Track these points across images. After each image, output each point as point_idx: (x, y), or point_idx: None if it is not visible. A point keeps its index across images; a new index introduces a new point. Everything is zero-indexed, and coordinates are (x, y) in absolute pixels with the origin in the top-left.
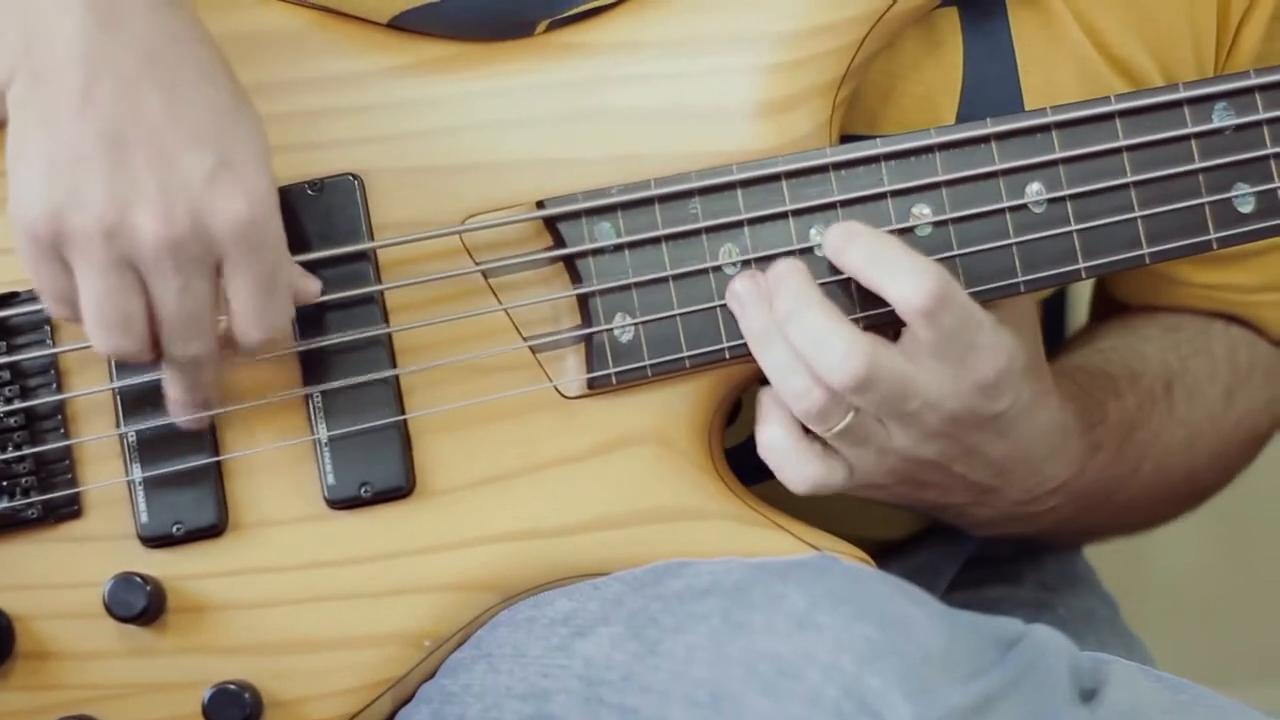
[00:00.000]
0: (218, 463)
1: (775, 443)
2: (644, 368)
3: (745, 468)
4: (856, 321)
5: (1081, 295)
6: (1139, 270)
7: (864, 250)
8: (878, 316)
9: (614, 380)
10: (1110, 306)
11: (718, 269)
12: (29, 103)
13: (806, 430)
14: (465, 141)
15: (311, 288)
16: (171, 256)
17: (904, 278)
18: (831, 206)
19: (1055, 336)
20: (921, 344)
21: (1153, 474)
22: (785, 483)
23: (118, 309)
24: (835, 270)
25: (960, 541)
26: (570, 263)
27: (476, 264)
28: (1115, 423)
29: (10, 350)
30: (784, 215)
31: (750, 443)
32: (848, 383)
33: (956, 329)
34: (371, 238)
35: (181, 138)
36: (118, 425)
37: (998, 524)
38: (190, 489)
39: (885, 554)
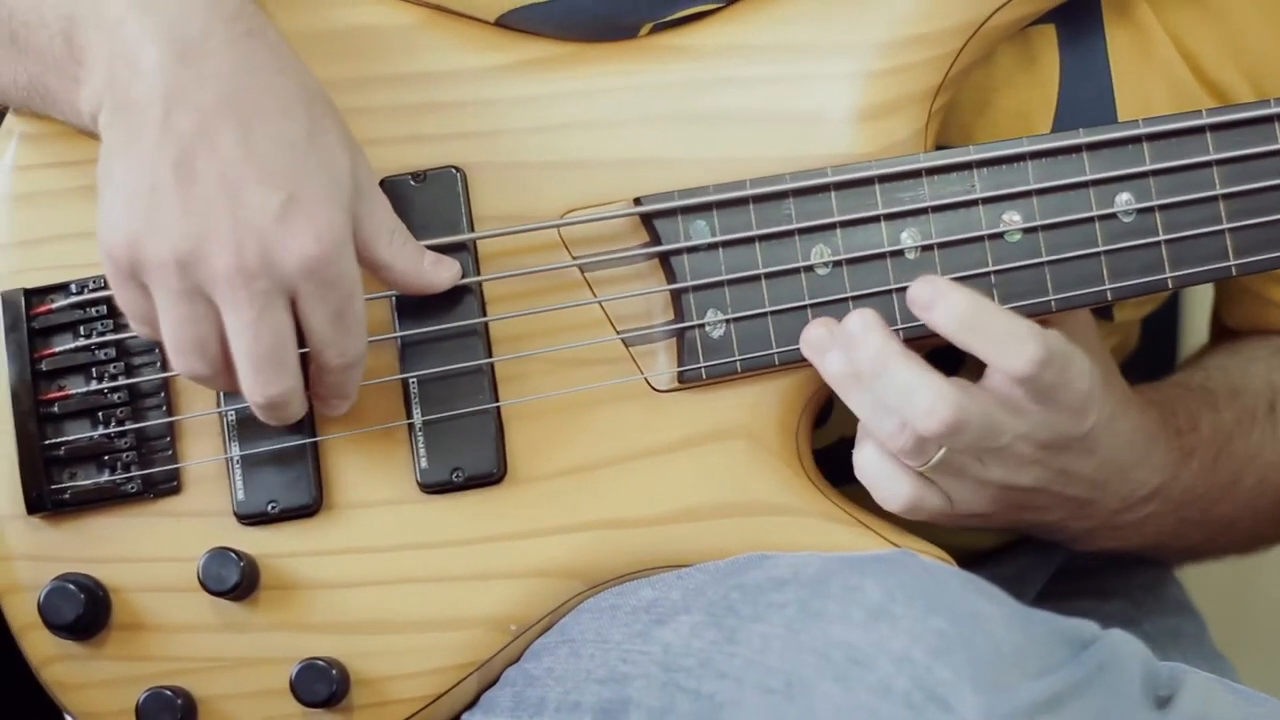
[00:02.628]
0: (314, 444)
1: (868, 463)
2: (734, 363)
3: (836, 469)
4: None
5: (1193, 324)
6: (1248, 297)
7: (956, 314)
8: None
9: (704, 375)
10: (1225, 332)
11: (809, 269)
12: (114, 130)
13: None
14: (566, 139)
15: (445, 274)
16: (244, 289)
17: (1010, 349)
18: (923, 211)
19: (1166, 363)
20: (1018, 399)
21: (1255, 489)
22: (880, 502)
23: (192, 335)
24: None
25: (1049, 553)
26: (665, 259)
27: (574, 258)
28: (1210, 432)
29: (117, 329)
30: (876, 219)
31: (841, 444)
32: (938, 430)
33: (1054, 379)
34: (472, 229)
35: (253, 174)
36: (218, 404)
37: (1099, 535)
38: (286, 468)
39: (974, 562)
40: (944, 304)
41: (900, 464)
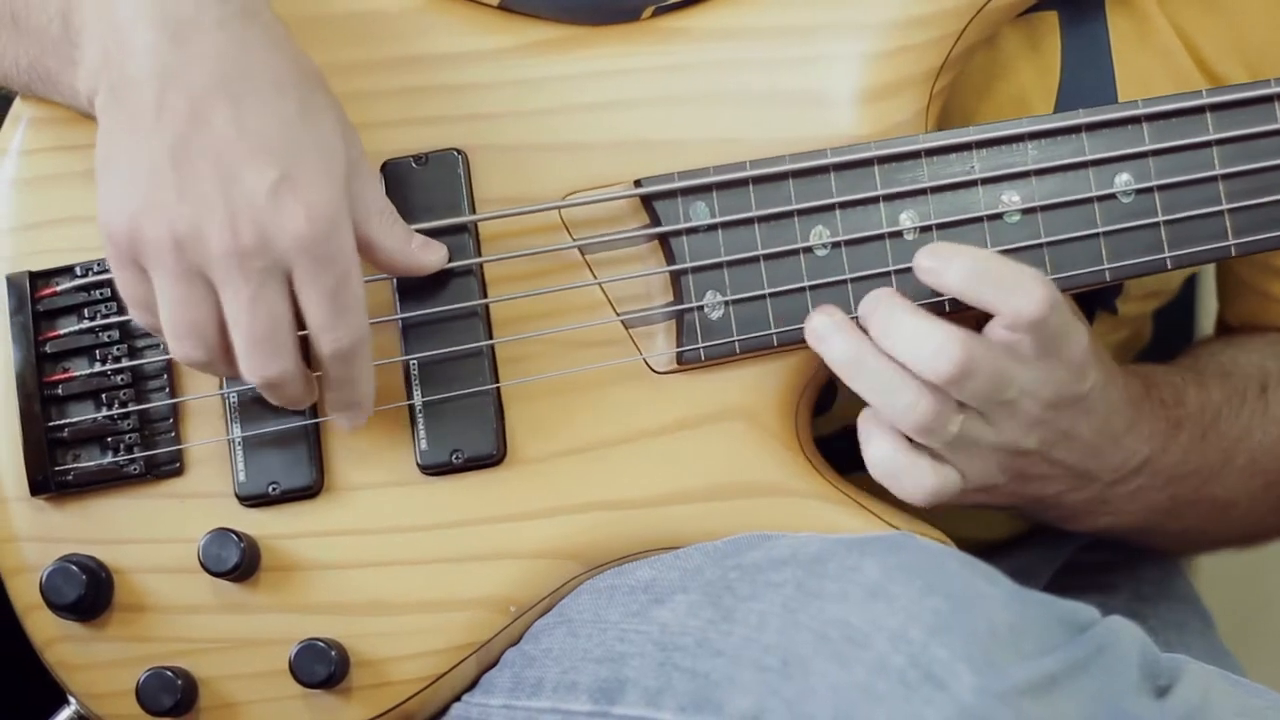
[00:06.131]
0: (315, 425)
1: (884, 458)
2: (732, 344)
3: (839, 457)
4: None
5: (1208, 320)
6: (1250, 292)
7: (965, 268)
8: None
9: (703, 356)
10: (1228, 331)
11: (808, 250)
12: (111, 112)
13: (912, 443)
14: (568, 121)
15: (432, 257)
16: (239, 268)
17: (1019, 292)
18: (922, 192)
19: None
20: (1023, 346)
21: (1247, 469)
22: (904, 497)
23: (188, 317)
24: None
25: (1056, 547)
26: (665, 241)
27: (574, 240)
28: (1196, 408)
29: (121, 312)
30: (875, 200)
31: (843, 433)
32: (949, 371)
33: (1060, 326)
34: (473, 211)
35: (246, 152)
36: (220, 386)
37: (1094, 510)
38: (287, 450)
39: (980, 555)
40: (955, 263)
41: (915, 451)
